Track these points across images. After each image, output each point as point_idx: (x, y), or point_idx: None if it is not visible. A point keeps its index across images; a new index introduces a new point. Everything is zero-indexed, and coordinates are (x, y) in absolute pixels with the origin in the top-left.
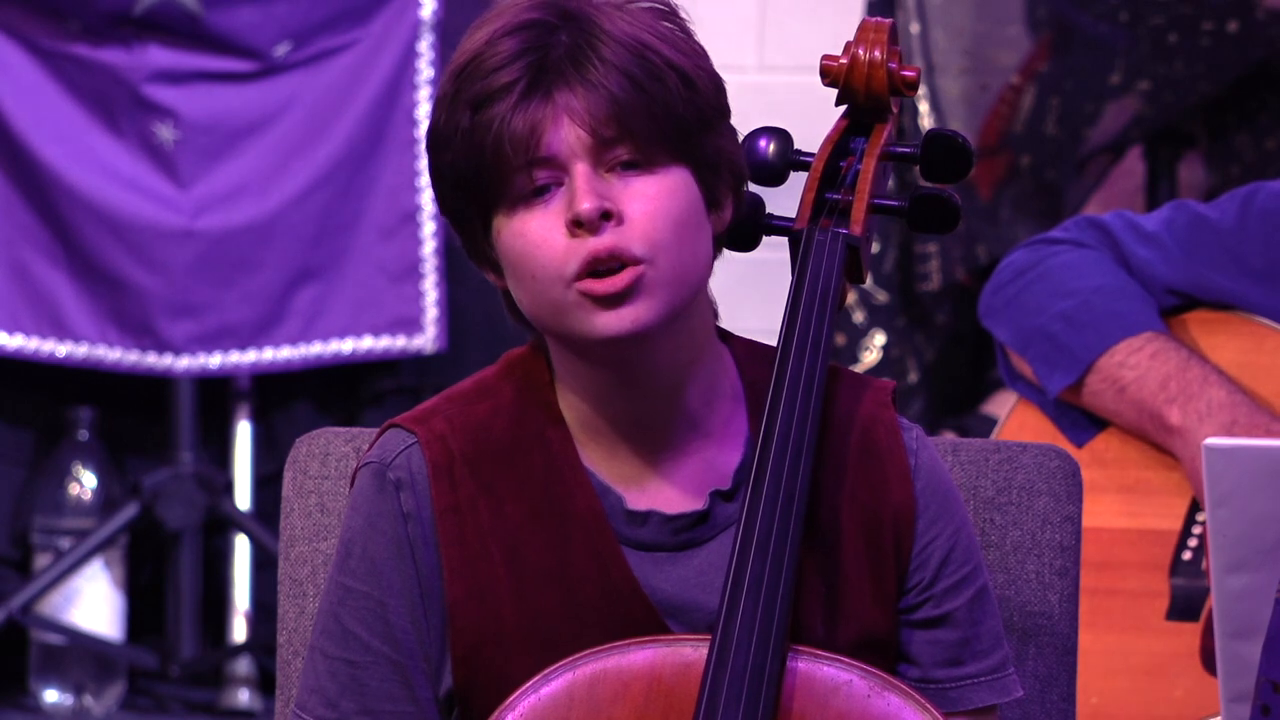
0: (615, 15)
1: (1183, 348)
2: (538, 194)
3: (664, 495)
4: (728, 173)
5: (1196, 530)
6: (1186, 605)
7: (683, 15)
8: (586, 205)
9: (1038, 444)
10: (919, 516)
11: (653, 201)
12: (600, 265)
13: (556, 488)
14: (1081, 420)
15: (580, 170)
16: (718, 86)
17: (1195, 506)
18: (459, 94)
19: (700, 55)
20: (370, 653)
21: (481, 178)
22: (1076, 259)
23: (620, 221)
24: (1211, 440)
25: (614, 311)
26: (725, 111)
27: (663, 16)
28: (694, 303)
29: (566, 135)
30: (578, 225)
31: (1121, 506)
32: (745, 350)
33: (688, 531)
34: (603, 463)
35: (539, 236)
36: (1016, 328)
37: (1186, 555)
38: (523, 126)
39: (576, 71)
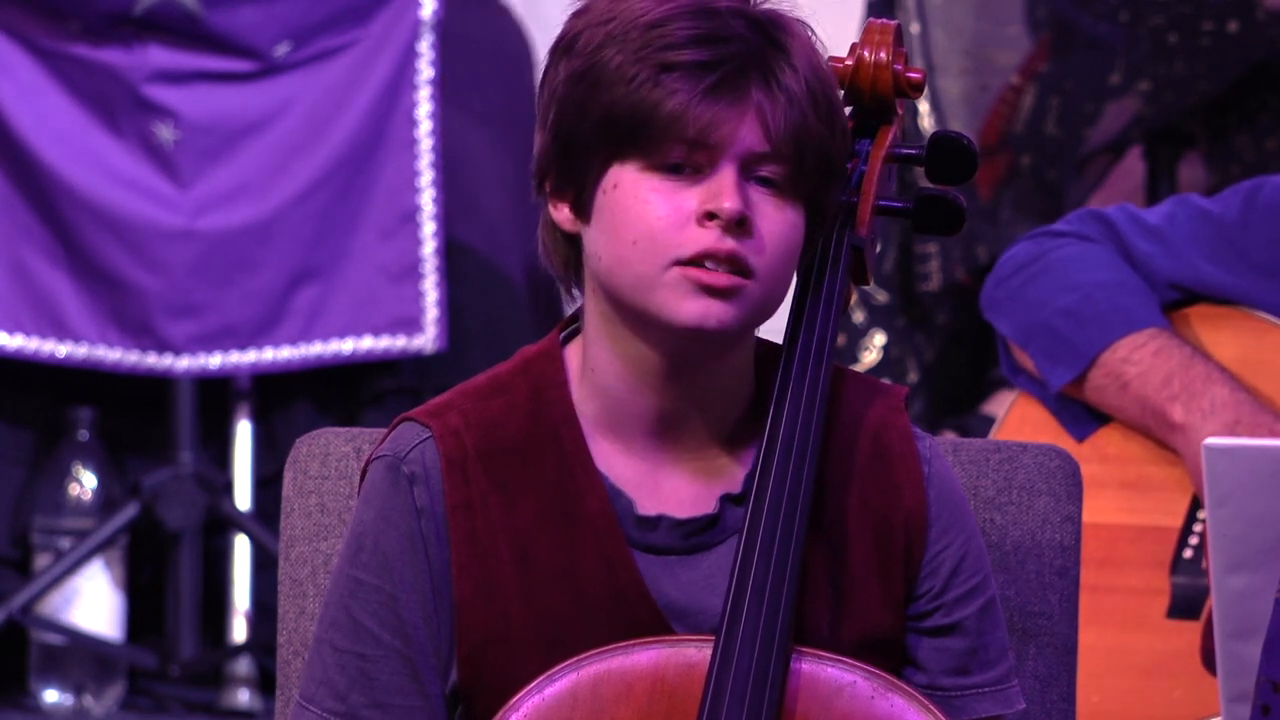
0: (798, 31)
1: (1186, 345)
2: (675, 167)
3: (675, 498)
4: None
5: (1198, 528)
6: (1187, 604)
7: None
8: (733, 205)
9: (1038, 444)
10: (931, 525)
11: (779, 226)
12: (712, 261)
13: (569, 488)
14: (1083, 415)
15: (731, 169)
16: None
17: (1197, 504)
18: (645, 48)
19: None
20: (381, 646)
21: (635, 131)
22: (1080, 252)
23: (750, 233)
24: (1211, 440)
25: (708, 301)
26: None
27: (819, 48)
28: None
29: (743, 133)
30: (710, 218)
31: (1123, 502)
32: (759, 351)
33: (697, 535)
34: (615, 461)
35: (664, 210)
36: (1019, 321)
37: (1188, 553)
38: (707, 111)
39: (776, 76)
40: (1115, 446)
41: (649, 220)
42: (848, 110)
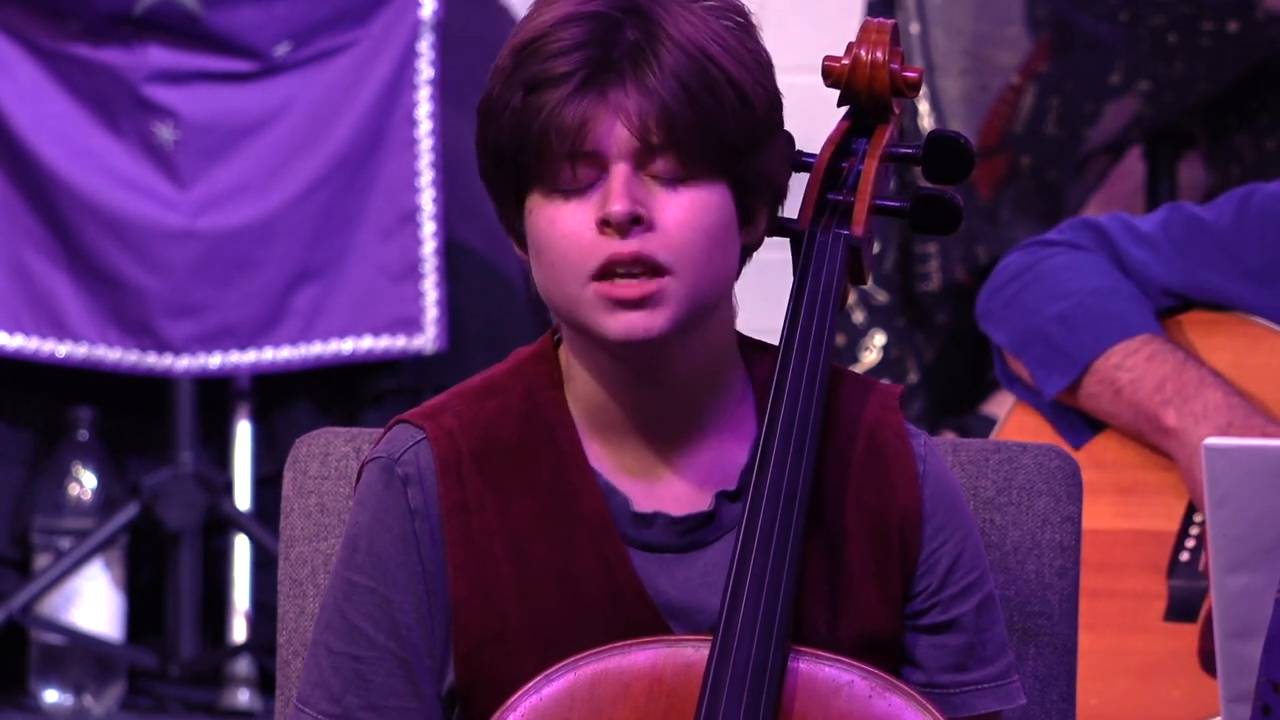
0: (682, 17)
1: (1179, 350)
2: (575, 185)
3: (671, 495)
4: (767, 191)
5: (1194, 531)
6: (1184, 607)
7: (753, 20)
8: (618, 207)
9: (1038, 444)
10: (926, 522)
11: (685, 213)
12: (621, 267)
13: (564, 488)
14: (1078, 422)
15: (620, 170)
16: (773, 103)
17: (1192, 508)
18: (515, 71)
19: (762, 68)
20: (375, 648)
21: (523, 157)
22: (1072, 261)
23: (650, 228)
24: (1211, 440)
25: (628, 314)
26: (777, 128)
27: (731, 22)
28: (715, 310)
29: (613, 134)
30: (606, 224)
31: (1119, 508)
32: (754, 350)
33: (693, 533)
34: (610, 461)
35: (567, 228)
36: (1013, 330)
37: (1184, 556)
38: (572, 118)
39: (634, 73)
40: (1111, 453)
41: (557, 241)
42: (845, 110)
